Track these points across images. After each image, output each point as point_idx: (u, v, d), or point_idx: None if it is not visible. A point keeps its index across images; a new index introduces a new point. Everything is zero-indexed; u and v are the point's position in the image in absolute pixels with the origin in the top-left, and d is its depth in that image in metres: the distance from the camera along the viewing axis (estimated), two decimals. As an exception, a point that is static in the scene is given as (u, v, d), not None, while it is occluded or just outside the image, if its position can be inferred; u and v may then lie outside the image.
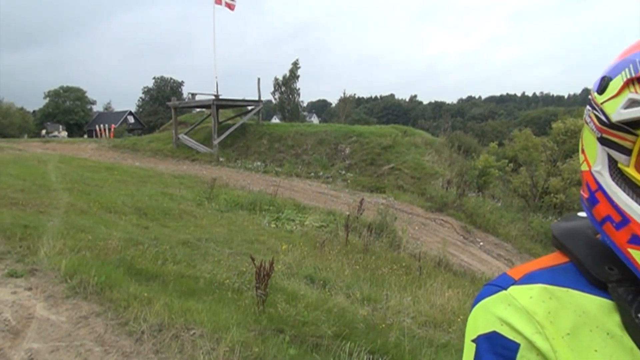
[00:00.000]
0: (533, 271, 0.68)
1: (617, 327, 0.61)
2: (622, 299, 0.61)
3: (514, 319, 0.63)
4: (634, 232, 0.58)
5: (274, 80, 42.63)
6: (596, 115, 0.62)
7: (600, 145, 0.62)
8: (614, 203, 0.60)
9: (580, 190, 0.69)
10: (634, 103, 0.56)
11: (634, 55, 0.57)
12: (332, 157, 18.34)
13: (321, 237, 8.54)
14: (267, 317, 4.08)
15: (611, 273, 0.63)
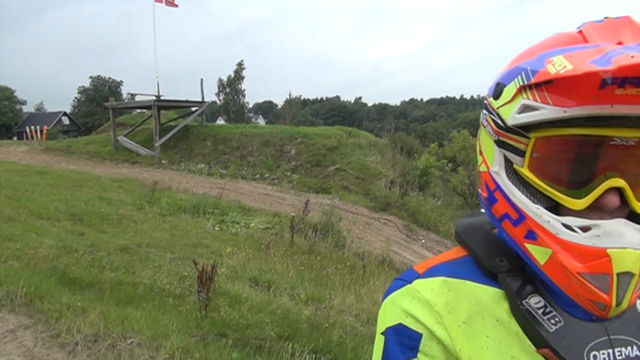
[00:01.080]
0: (435, 265, 0.73)
1: (505, 314, 0.66)
2: (510, 288, 0.66)
3: (417, 310, 0.68)
4: (529, 228, 0.62)
5: (219, 81, 41.97)
6: (493, 119, 0.66)
7: (497, 148, 0.66)
8: (511, 201, 0.64)
9: (479, 189, 0.74)
10: (527, 108, 0.59)
11: (525, 64, 0.61)
12: (278, 158, 18.29)
13: (266, 239, 8.51)
14: (210, 321, 4.02)
15: (501, 264, 0.69)
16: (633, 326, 0.66)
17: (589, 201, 0.59)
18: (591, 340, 0.63)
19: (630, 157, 0.58)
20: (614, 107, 0.54)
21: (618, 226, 0.58)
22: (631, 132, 0.57)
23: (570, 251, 0.59)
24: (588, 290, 0.58)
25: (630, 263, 0.57)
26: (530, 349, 0.64)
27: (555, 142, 0.60)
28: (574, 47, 0.59)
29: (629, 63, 0.49)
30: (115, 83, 58.26)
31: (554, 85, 0.56)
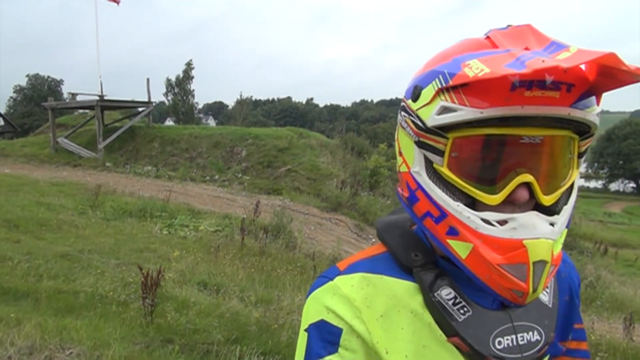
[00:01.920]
0: (356, 261, 0.76)
1: (419, 306, 0.70)
2: (423, 281, 0.70)
3: (337, 306, 0.70)
4: (451, 224, 0.65)
5: (167, 81, 40.83)
6: (412, 120, 0.67)
7: (417, 148, 0.68)
8: (432, 200, 0.66)
9: (399, 189, 0.76)
10: (445, 110, 0.62)
11: (441, 67, 0.63)
12: (228, 160, 18.05)
13: (216, 241, 8.37)
14: (155, 328, 3.92)
15: (416, 259, 0.72)
16: (534, 312, 0.71)
17: (503, 196, 0.62)
18: (496, 328, 0.67)
19: (536, 154, 0.63)
20: (524, 108, 0.58)
21: (531, 218, 0.62)
22: (538, 131, 0.61)
23: (490, 244, 0.62)
24: (508, 280, 0.61)
25: (544, 252, 0.61)
26: (441, 338, 0.68)
27: (472, 142, 0.63)
28: (487, 51, 0.62)
29: (541, 67, 0.53)
30: (54, 82, 55.48)
31: (471, 87, 0.59)
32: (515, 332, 0.68)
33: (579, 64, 0.53)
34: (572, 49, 0.58)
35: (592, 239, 22.68)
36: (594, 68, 0.56)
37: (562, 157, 0.65)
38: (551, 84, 0.56)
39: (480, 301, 0.70)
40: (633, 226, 32.62)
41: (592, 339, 5.30)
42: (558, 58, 0.56)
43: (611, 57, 0.53)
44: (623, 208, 44.90)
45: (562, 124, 0.62)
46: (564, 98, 0.58)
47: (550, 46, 0.61)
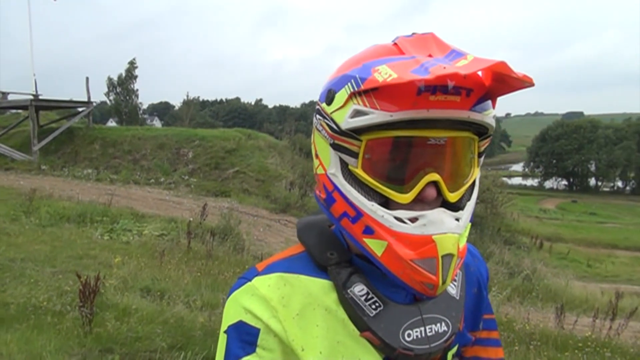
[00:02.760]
0: (274, 262, 0.77)
1: (333, 303, 0.72)
2: (337, 279, 0.72)
3: (255, 306, 0.71)
4: (366, 223, 0.67)
5: (108, 80, 39.24)
6: (327, 124, 0.69)
7: (333, 151, 0.69)
8: (349, 201, 0.68)
9: (316, 191, 0.77)
10: (358, 113, 0.64)
11: (353, 72, 0.66)
12: (174, 162, 17.59)
13: (161, 246, 8.14)
14: (94, 338, 3.77)
15: (331, 258, 0.74)
16: (442, 305, 0.75)
17: (413, 195, 0.66)
18: (406, 321, 0.71)
19: (442, 155, 0.67)
20: (429, 112, 0.61)
21: (439, 215, 0.66)
22: (442, 133, 0.65)
23: (403, 241, 0.65)
24: (420, 274, 0.64)
25: (451, 246, 0.65)
26: (354, 333, 0.71)
27: (383, 144, 0.65)
28: (394, 57, 0.65)
29: (443, 73, 0.56)
30: (-18, 80, 51.84)
31: (381, 92, 0.61)
32: (424, 324, 0.72)
33: (476, 71, 0.57)
34: (469, 57, 0.62)
35: (529, 234, 23.96)
36: (489, 75, 0.60)
37: (465, 156, 0.70)
38: (452, 89, 0.59)
39: (393, 296, 0.73)
40: (565, 221, 34.79)
41: (527, 328, 5.61)
42: (457, 65, 0.60)
43: (502, 65, 0.57)
44: (557, 204, 47.75)
45: (463, 125, 0.66)
46: (464, 102, 0.62)
47: (451, 54, 0.66)
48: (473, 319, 0.87)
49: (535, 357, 4.67)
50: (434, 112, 0.61)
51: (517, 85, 0.61)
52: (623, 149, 59.81)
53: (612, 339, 5.79)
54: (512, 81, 0.60)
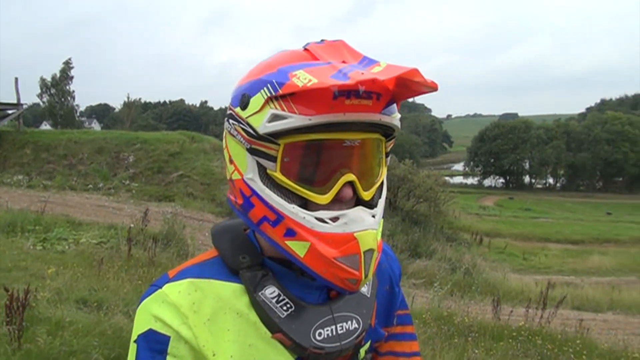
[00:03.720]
0: (185, 268, 0.77)
1: (245, 307, 0.73)
2: (248, 282, 0.73)
3: (165, 314, 0.70)
4: (288, 226, 0.68)
5: (41, 81, 37.15)
6: (243, 128, 0.69)
7: (250, 155, 0.69)
8: (268, 205, 0.69)
9: (230, 197, 0.77)
10: (276, 117, 0.65)
11: (269, 76, 0.66)
12: (114, 166, 16.89)
13: (100, 254, 7.78)
14: (24, 354, 3.55)
15: (243, 261, 0.75)
16: (354, 303, 0.78)
17: (332, 195, 0.68)
18: (318, 320, 0.73)
19: (356, 156, 0.70)
20: (346, 115, 0.64)
21: (358, 213, 0.69)
22: (356, 135, 0.68)
23: (325, 240, 0.66)
24: (344, 271, 0.67)
25: (371, 241, 0.68)
26: (266, 335, 0.72)
27: (302, 147, 0.67)
28: (310, 63, 0.67)
29: (362, 78, 0.59)
30: None
31: (299, 96, 0.63)
32: (335, 323, 0.74)
33: (393, 77, 0.60)
34: (382, 64, 0.65)
35: (469, 230, 25.00)
36: (393, 80, 0.63)
37: (375, 157, 0.74)
38: (364, 94, 0.62)
39: (305, 297, 0.75)
40: (503, 217, 36.55)
41: (466, 321, 5.86)
42: (373, 71, 0.63)
43: (415, 72, 0.60)
44: (495, 201, 50.10)
45: (374, 128, 0.70)
46: (375, 106, 0.65)
47: (363, 60, 0.69)
48: (386, 315, 0.90)
49: (473, 348, 4.89)
50: (350, 116, 0.64)
51: (421, 90, 0.65)
52: (553, 148, 63.67)
53: (543, 327, 6.16)
54: (416, 86, 0.63)
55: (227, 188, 0.80)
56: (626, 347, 5.72)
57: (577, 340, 5.62)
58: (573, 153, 63.50)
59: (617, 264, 20.56)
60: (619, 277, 18.02)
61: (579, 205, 50.11)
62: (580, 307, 10.89)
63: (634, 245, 26.27)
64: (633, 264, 20.46)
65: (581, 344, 5.47)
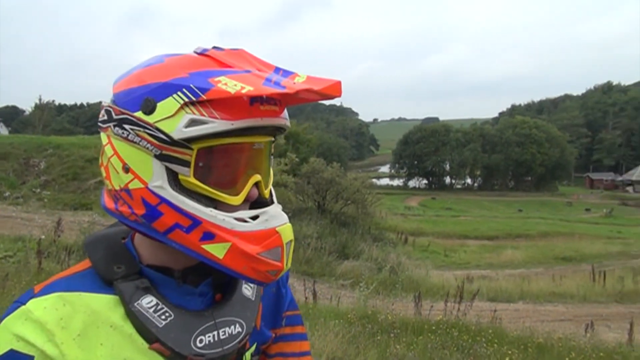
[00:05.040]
0: (53, 282, 0.73)
1: (120, 319, 0.70)
2: (122, 293, 0.71)
3: (28, 332, 0.66)
4: (205, 230, 0.67)
5: None
6: (151, 134, 0.66)
7: (158, 162, 0.67)
8: (182, 211, 0.67)
9: (121, 208, 0.72)
10: (194, 122, 0.64)
11: (182, 81, 0.66)
12: (23, 173, 15.62)
13: (5, 269, 7.16)
14: None
15: (118, 271, 0.73)
16: (237, 307, 0.79)
17: (244, 196, 0.71)
18: (199, 327, 0.73)
19: (260, 157, 0.75)
20: (263, 120, 0.68)
21: (276, 209, 0.74)
22: (264, 138, 0.73)
23: (247, 238, 0.68)
24: (266, 264, 0.69)
25: (290, 233, 0.73)
26: (143, 346, 0.70)
27: (217, 151, 0.68)
28: (229, 70, 0.69)
29: (301, 87, 0.63)
30: None
31: (219, 102, 0.64)
32: (217, 328, 0.75)
33: (327, 86, 0.64)
34: (302, 74, 0.69)
35: (395, 230, 25.92)
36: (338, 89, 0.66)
37: (269, 157, 0.79)
38: (272, 100, 0.68)
39: (187, 304, 0.75)
40: (426, 217, 38.28)
41: (389, 318, 6.08)
42: (296, 81, 0.67)
43: (337, 84, 0.65)
44: (419, 202, 52.36)
45: (275, 131, 0.75)
46: (280, 110, 0.71)
47: (279, 70, 0.72)
48: (273, 317, 0.92)
49: (395, 344, 5.08)
50: (265, 120, 0.69)
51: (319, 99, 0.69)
52: (470, 150, 67.75)
53: (460, 319, 6.54)
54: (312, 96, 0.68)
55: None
56: (532, 333, 6.23)
57: (489, 330, 6.03)
58: (488, 155, 67.93)
59: (527, 257, 22.26)
60: (529, 269, 19.54)
61: (494, 204, 53.70)
62: (494, 299, 11.66)
63: (542, 239, 28.62)
64: (541, 257, 22.28)
65: (493, 333, 5.88)
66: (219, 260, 0.68)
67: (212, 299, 0.79)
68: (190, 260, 0.75)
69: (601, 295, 12.28)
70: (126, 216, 0.71)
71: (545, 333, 6.23)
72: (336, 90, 0.65)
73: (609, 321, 9.66)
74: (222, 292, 0.81)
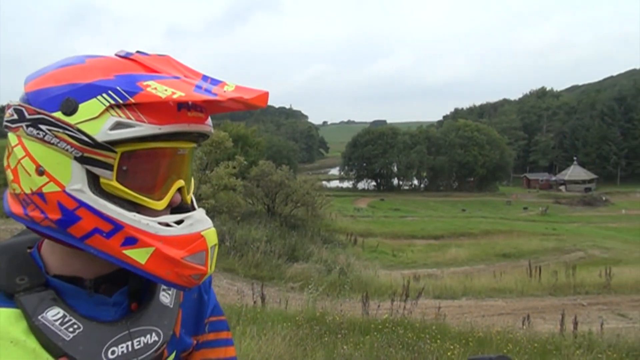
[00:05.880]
0: None
1: (22, 333, 0.66)
2: (24, 306, 0.67)
3: None
4: (128, 235, 0.65)
5: None
6: (72, 135, 0.64)
7: (78, 164, 0.64)
8: (103, 215, 0.65)
9: (33, 213, 0.69)
10: (119, 125, 0.63)
11: (105, 83, 0.64)
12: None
13: None
14: None
15: (20, 283, 0.69)
16: (154, 315, 0.77)
17: (167, 201, 0.71)
18: (111, 338, 0.70)
19: (184, 163, 0.75)
20: (190, 126, 0.68)
21: (200, 214, 0.74)
22: (189, 144, 0.74)
23: (172, 243, 0.67)
24: (191, 269, 0.68)
25: (214, 238, 0.73)
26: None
27: (142, 155, 0.67)
28: (157, 75, 0.68)
29: (234, 96, 0.64)
30: None
31: (147, 106, 0.64)
32: (132, 338, 0.73)
33: (257, 95, 0.65)
34: (230, 83, 0.70)
35: (345, 231, 26.23)
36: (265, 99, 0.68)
37: (191, 163, 0.80)
38: (199, 107, 0.70)
39: (98, 315, 0.72)
40: (375, 218, 39.05)
41: (337, 319, 6.13)
42: (225, 90, 0.68)
43: (265, 95, 0.66)
44: (368, 203, 53.32)
45: (199, 137, 0.75)
46: (205, 117, 0.72)
47: (207, 78, 0.72)
48: (195, 324, 0.91)
49: (342, 345, 5.13)
50: (192, 126, 0.69)
51: (245, 109, 0.70)
52: (417, 152, 69.69)
53: (406, 317, 6.71)
54: (235, 105, 0.69)
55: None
56: (473, 328, 6.49)
57: (433, 326, 6.22)
58: (433, 157, 70.14)
59: (470, 254, 23.23)
60: (472, 266, 20.40)
61: (440, 204, 55.59)
62: (440, 296, 12.06)
63: (484, 238, 29.94)
64: (482, 254, 23.31)
65: (437, 330, 6.07)
66: (141, 265, 0.67)
67: (127, 309, 0.76)
68: (104, 268, 0.73)
69: (537, 289, 12.97)
70: (37, 222, 0.68)
71: (485, 327, 6.51)
72: (263, 101, 0.66)
73: (544, 313, 10.24)
74: (139, 301, 0.78)
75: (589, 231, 34.75)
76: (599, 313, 10.40)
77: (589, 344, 5.88)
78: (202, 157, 17.35)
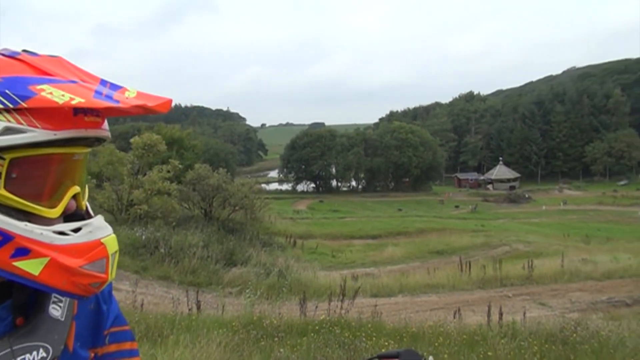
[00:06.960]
0: None
1: None
2: None
3: None
4: (18, 245, 0.62)
5: None
6: None
7: None
8: None
9: None
10: (9, 131, 0.60)
11: None
12: None
13: None
14: None
15: None
16: (42, 330, 0.73)
17: (62, 208, 0.69)
18: None
19: (79, 169, 0.73)
20: (87, 131, 0.67)
21: (100, 221, 0.72)
22: (85, 149, 0.73)
23: (68, 252, 0.65)
24: (89, 277, 0.67)
25: (115, 244, 0.72)
26: None
27: (33, 161, 0.64)
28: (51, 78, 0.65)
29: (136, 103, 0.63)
30: None
31: (41, 111, 0.61)
32: (15, 357, 0.68)
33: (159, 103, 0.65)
34: (131, 89, 0.69)
35: (284, 234, 26.20)
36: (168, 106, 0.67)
37: (86, 169, 0.77)
38: (96, 111, 0.68)
39: None
40: (314, 219, 39.32)
41: (275, 322, 6.10)
42: (127, 96, 0.66)
43: (168, 102, 0.65)
44: (307, 205, 53.59)
45: (95, 142, 0.73)
46: (102, 121, 0.71)
47: (106, 82, 0.71)
48: (92, 336, 0.88)
49: (279, 348, 5.12)
50: (90, 131, 0.68)
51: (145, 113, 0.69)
52: (354, 154, 71.04)
53: (343, 317, 6.80)
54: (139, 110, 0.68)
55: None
56: (407, 323, 6.70)
57: (369, 324, 6.36)
58: (370, 158, 71.77)
59: (406, 252, 23.98)
60: (408, 263, 21.05)
61: (377, 204, 56.99)
62: (377, 294, 12.34)
63: (419, 236, 31.02)
64: (417, 252, 24.13)
65: (372, 327, 6.21)
66: (34, 277, 0.64)
67: (11, 324, 0.72)
68: None
69: (467, 283, 13.64)
70: None
71: (419, 322, 6.75)
72: (166, 108, 0.66)
73: (474, 306, 10.78)
74: (25, 315, 0.74)
75: (514, 227, 37.01)
76: (522, 303, 11.11)
77: (513, 333, 6.25)
78: (134, 161, 16.64)
